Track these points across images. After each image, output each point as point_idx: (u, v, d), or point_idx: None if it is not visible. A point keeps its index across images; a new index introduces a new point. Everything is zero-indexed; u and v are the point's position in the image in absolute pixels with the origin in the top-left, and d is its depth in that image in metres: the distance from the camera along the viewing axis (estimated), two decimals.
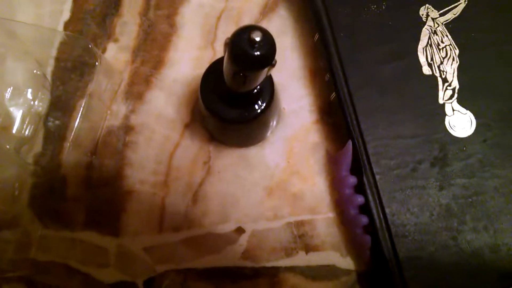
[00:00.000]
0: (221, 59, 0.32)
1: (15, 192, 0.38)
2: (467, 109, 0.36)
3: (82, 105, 0.37)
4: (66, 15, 0.43)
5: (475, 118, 0.36)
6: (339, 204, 0.38)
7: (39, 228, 0.38)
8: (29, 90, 0.38)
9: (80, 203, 0.39)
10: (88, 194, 0.39)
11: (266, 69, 0.26)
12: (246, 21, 0.42)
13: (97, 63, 0.37)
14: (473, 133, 0.35)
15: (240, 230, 0.38)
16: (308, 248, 0.38)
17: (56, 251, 0.38)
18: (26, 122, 0.38)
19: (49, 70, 0.40)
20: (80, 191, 0.39)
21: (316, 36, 0.38)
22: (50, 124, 0.39)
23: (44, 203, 0.38)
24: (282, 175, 0.39)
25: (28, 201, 0.38)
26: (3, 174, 0.38)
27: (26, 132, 0.38)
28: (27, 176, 0.38)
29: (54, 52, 0.40)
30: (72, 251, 0.38)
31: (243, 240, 0.38)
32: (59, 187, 0.39)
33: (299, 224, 0.38)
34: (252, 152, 0.40)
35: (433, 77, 0.36)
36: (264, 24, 0.42)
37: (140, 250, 0.38)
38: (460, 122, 0.35)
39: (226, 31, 0.42)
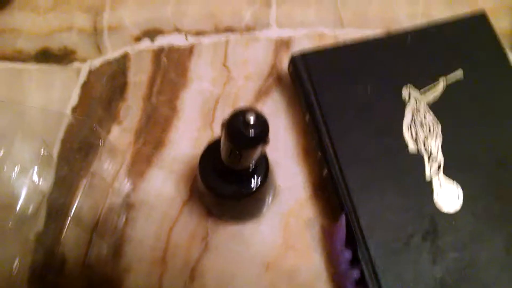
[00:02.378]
0: (219, 138, 0.34)
1: (15, 269, 0.38)
2: (453, 182, 0.37)
3: (85, 184, 0.39)
4: (74, 100, 0.46)
5: (462, 190, 0.37)
6: (336, 279, 0.38)
7: None
8: (35, 169, 0.40)
9: (78, 281, 0.39)
10: (87, 272, 0.39)
11: (260, 147, 0.28)
12: (242, 104, 0.46)
13: (101, 144, 0.40)
14: (461, 206, 0.37)
15: None
16: None
17: None
18: (30, 200, 0.39)
19: (55, 150, 0.42)
20: (79, 268, 0.39)
21: (307, 117, 0.41)
22: (53, 202, 0.41)
23: (42, 280, 0.38)
24: (279, 251, 0.40)
25: (27, 278, 0.38)
26: (4, 252, 0.38)
27: (29, 210, 0.39)
28: (27, 253, 0.38)
29: (61, 134, 0.43)
30: None
31: None
32: (58, 264, 0.39)
33: None
34: (249, 228, 0.41)
35: (418, 154, 0.38)
36: (258, 107, 0.45)
37: None
38: (448, 195, 0.37)
39: (224, 113, 0.45)
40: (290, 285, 0.39)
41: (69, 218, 0.40)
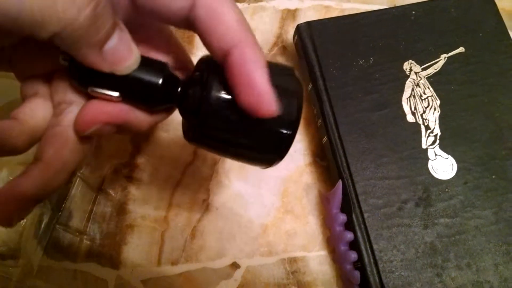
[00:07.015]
0: None
1: (23, 223, 0.40)
2: (448, 154, 0.39)
3: (92, 143, 0.40)
4: None
5: (456, 162, 0.39)
6: (331, 241, 0.40)
7: (39, 257, 0.40)
8: None
9: (83, 235, 0.40)
10: (92, 227, 0.41)
11: None
12: None
13: None
14: (454, 176, 0.38)
15: (235, 265, 0.40)
16: (300, 285, 0.39)
17: (58, 281, 0.39)
18: None
19: None
20: (85, 223, 0.41)
21: (310, 86, 0.42)
22: None
23: (49, 234, 0.40)
24: (277, 214, 0.42)
25: (33, 232, 0.40)
26: None
27: None
28: (35, 208, 0.40)
29: None
30: (73, 281, 0.39)
31: (238, 275, 0.40)
32: (65, 219, 0.41)
33: (292, 260, 0.40)
34: (249, 191, 0.42)
35: (416, 125, 0.40)
36: None
37: (139, 282, 0.39)
38: (442, 166, 0.38)
39: None
40: (286, 246, 0.41)
41: (77, 175, 0.42)
